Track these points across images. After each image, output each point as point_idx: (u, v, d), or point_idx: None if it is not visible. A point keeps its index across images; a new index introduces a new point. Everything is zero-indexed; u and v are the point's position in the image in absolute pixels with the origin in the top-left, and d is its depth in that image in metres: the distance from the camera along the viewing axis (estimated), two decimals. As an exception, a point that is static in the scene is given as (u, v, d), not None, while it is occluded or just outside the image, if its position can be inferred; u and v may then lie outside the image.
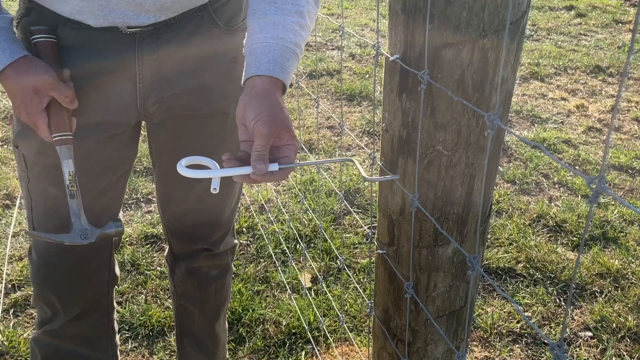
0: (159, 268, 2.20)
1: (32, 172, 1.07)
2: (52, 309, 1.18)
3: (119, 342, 1.36)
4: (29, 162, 1.07)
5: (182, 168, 0.86)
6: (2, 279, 2.09)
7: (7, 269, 2.15)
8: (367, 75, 4.29)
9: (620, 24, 5.83)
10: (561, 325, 1.96)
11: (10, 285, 2.08)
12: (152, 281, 2.12)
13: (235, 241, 1.45)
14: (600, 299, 2.07)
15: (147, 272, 2.17)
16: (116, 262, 1.28)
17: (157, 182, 1.29)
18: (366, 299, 2.04)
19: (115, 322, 1.33)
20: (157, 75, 1.06)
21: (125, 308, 1.99)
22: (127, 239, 2.36)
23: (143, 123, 1.21)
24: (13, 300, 2.01)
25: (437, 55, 0.77)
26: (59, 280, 1.15)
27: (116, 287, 2.10)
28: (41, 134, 0.98)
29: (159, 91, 1.09)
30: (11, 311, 1.97)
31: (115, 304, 1.32)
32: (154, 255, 2.27)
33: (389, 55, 0.84)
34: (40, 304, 1.19)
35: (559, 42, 5.24)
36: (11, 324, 1.91)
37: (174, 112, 1.13)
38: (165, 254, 1.86)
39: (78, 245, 1.09)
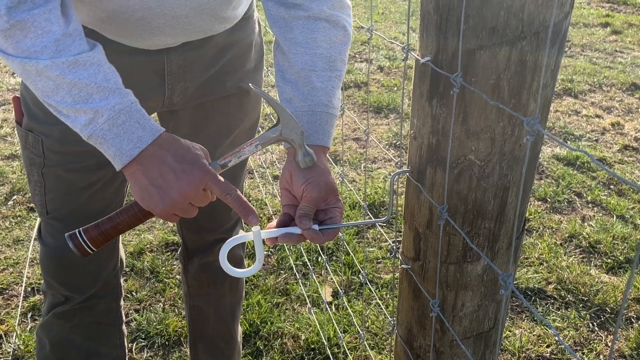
0: (178, 276, 2.17)
1: (49, 157, 1.05)
2: (65, 291, 1.18)
3: (125, 332, 1.35)
4: (47, 148, 1.05)
5: (229, 267, 0.91)
6: (22, 282, 2.09)
7: (28, 272, 2.14)
8: (395, 88, 4.24)
9: (658, 42, 5.67)
10: (594, 352, 1.86)
11: (29, 289, 2.08)
12: (171, 289, 2.09)
13: None
14: (637, 325, 1.97)
15: (166, 280, 2.15)
16: (122, 247, 1.30)
17: None
18: (388, 316, 1.97)
19: (122, 309, 1.32)
20: (183, 66, 1.08)
21: (142, 316, 1.96)
22: (148, 245, 2.34)
23: None
24: (32, 303, 2.00)
25: (471, 58, 0.72)
26: (74, 262, 1.14)
27: (134, 294, 2.07)
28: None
29: (184, 82, 1.11)
30: (29, 315, 1.96)
31: (122, 290, 1.31)
32: (174, 263, 2.24)
33: (420, 58, 0.79)
34: (54, 285, 1.18)
35: (594, 59, 5.11)
36: (28, 328, 1.89)
37: (193, 101, 1.16)
38: (177, 254, 1.83)
39: None
